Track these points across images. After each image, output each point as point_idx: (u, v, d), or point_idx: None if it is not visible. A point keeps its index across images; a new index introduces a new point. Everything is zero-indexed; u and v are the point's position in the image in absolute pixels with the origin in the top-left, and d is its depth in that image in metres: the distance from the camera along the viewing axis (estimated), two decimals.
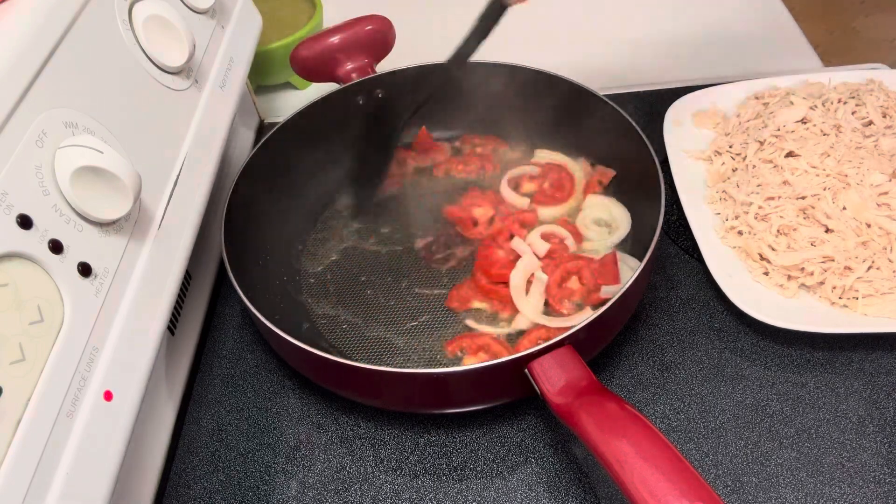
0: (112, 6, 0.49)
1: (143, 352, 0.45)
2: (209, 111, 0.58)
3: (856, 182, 0.60)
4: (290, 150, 0.71)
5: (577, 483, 0.52)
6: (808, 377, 0.56)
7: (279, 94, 0.91)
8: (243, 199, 0.63)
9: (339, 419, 0.58)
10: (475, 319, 0.61)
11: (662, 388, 0.57)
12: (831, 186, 0.60)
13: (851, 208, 0.59)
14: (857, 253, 0.57)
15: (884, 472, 0.50)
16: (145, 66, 0.51)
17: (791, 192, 0.61)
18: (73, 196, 0.40)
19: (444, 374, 0.50)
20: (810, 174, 0.62)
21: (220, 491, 0.54)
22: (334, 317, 0.63)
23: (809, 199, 0.60)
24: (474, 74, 0.73)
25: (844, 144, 0.63)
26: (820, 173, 0.61)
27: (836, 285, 0.57)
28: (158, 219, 0.49)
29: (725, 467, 0.52)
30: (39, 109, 0.40)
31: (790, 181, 0.62)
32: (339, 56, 0.74)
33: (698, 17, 0.94)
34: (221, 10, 0.65)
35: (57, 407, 0.37)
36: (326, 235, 0.71)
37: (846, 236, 0.58)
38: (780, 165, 0.63)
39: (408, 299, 0.64)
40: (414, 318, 0.62)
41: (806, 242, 0.59)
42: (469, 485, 0.53)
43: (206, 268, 0.68)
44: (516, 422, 0.56)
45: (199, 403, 0.60)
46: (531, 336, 0.58)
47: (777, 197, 0.62)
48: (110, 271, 0.42)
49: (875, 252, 0.57)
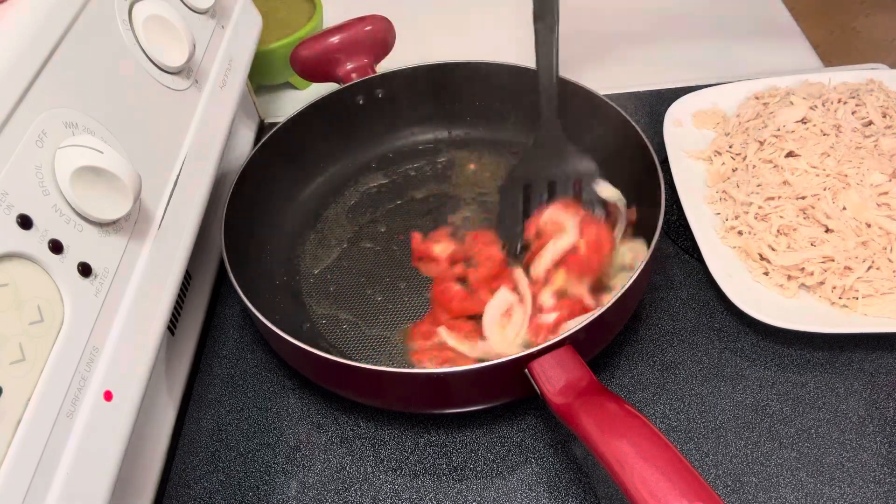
0: (112, 6, 0.49)
1: (143, 352, 0.45)
2: (209, 111, 0.58)
3: (856, 182, 0.60)
4: (290, 150, 0.71)
5: (577, 483, 0.52)
6: (808, 377, 0.56)
7: (279, 94, 0.91)
8: (243, 199, 0.63)
9: (339, 419, 0.58)
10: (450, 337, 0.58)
11: (662, 388, 0.57)
12: (831, 186, 0.60)
13: (851, 208, 0.59)
14: (857, 253, 0.57)
15: (884, 472, 0.50)
16: (145, 66, 0.51)
17: (791, 192, 0.61)
18: (73, 196, 0.40)
19: (443, 374, 0.50)
20: (810, 174, 0.62)
21: (220, 491, 0.54)
22: (334, 317, 0.63)
23: (809, 199, 0.60)
24: (471, 74, 0.73)
25: (844, 144, 0.63)
26: (820, 173, 0.61)
27: (836, 285, 0.57)
28: (158, 219, 0.49)
29: (725, 467, 0.52)
30: (39, 109, 0.40)
31: (790, 181, 0.62)
32: (340, 56, 0.74)
33: (698, 18, 0.95)
34: (221, 10, 0.65)
35: (57, 407, 0.37)
36: (327, 235, 0.71)
37: (846, 236, 0.58)
38: (780, 165, 0.63)
39: (405, 299, 0.63)
40: (413, 318, 0.62)
41: (806, 242, 0.59)
42: (469, 485, 0.53)
43: (207, 268, 0.68)
44: (516, 422, 0.56)
45: (199, 403, 0.60)
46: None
47: (777, 197, 0.62)
48: (110, 271, 0.42)
49: (875, 252, 0.57)
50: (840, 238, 0.58)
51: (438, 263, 0.65)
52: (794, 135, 0.65)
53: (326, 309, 0.64)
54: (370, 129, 0.76)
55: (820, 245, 0.58)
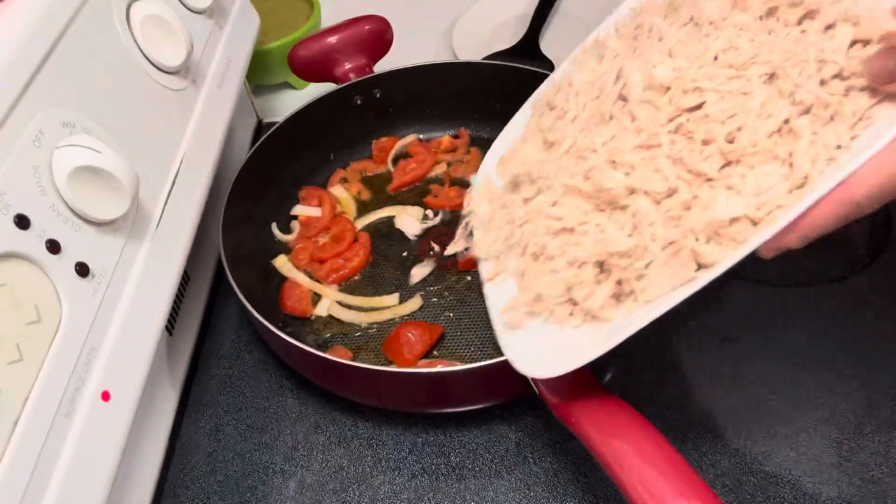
0: (110, 6, 0.49)
1: (140, 352, 0.45)
2: (207, 111, 0.58)
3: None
4: (288, 149, 0.71)
5: (575, 483, 0.52)
6: (808, 377, 0.56)
7: (277, 94, 0.90)
8: (241, 198, 0.63)
9: (337, 419, 0.58)
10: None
11: (662, 389, 0.57)
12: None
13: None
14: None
15: (883, 472, 0.50)
16: (143, 65, 0.51)
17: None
18: (71, 196, 0.40)
19: (443, 373, 0.50)
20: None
21: (217, 492, 0.54)
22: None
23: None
24: (470, 74, 0.73)
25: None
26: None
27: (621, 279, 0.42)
28: (156, 219, 0.49)
29: (725, 467, 0.52)
30: (37, 109, 0.39)
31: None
32: (337, 56, 0.74)
33: None
34: (219, 9, 0.65)
35: (54, 407, 0.37)
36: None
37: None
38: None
39: (404, 293, 0.64)
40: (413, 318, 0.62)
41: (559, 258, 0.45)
42: (467, 485, 0.53)
43: (204, 268, 0.68)
44: (515, 421, 0.56)
45: (196, 403, 0.60)
46: None
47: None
48: (108, 271, 0.42)
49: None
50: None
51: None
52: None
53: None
54: (368, 129, 0.76)
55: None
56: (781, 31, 0.39)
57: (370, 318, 0.62)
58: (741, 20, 0.41)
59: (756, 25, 0.40)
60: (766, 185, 0.37)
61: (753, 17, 0.40)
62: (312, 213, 0.70)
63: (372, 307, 0.63)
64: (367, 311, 0.63)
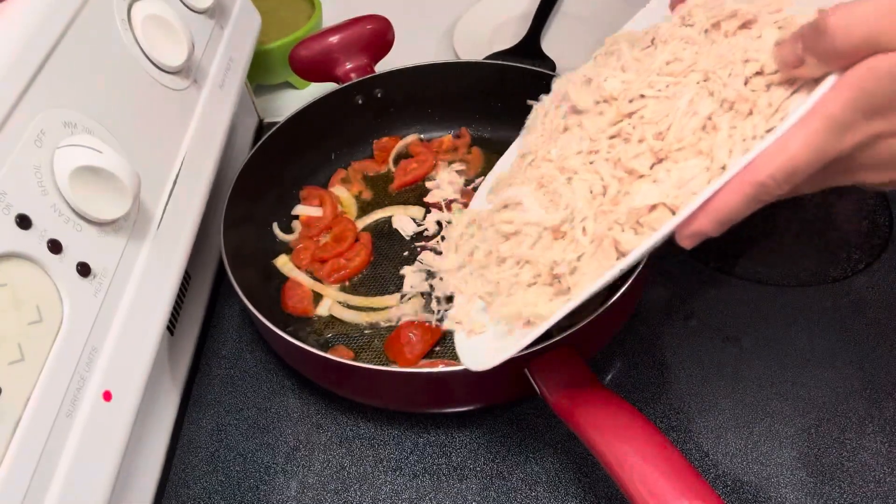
0: (111, 6, 0.49)
1: (142, 352, 0.45)
2: (208, 111, 0.58)
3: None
4: (289, 149, 0.71)
5: (577, 483, 0.52)
6: (807, 376, 0.56)
7: (278, 94, 0.90)
8: (243, 198, 0.63)
9: (339, 419, 0.58)
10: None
11: (662, 388, 0.57)
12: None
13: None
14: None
15: (884, 472, 0.50)
16: (144, 65, 0.51)
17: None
18: (72, 196, 0.40)
19: (444, 373, 0.50)
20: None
21: (219, 491, 0.54)
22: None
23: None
24: (471, 74, 0.73)
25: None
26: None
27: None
28: (157, 218, 0.49)
29: (725, 467, 0.52)
30: (38, 109, 0.40)
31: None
32: (339, 56, 0.74)
33: None
34: (220, 9, 0.65)
35: (56, 407, 0.37)
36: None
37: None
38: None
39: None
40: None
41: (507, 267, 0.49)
42: (469, 484, 0.53)
43: (206, 267, 0.68)
44: (516, 421, 0.56)
45: (198, 403, 0.60)
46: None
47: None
48: (109, 271, 0.42)
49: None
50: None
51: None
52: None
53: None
54: (369, 128, 0.76)
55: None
56: (723, 41, 0.41)
57: (371, 318, 0.62)
58: (687, 34, 0.43)
59: (700, 38, 0.43)
60: (687, 177, 0.39)
61: (699, 31, 0.43)
62: (313, 212, 0.70)
63: (373, 307, 0.63)
64: (368, 311, 0.62)
